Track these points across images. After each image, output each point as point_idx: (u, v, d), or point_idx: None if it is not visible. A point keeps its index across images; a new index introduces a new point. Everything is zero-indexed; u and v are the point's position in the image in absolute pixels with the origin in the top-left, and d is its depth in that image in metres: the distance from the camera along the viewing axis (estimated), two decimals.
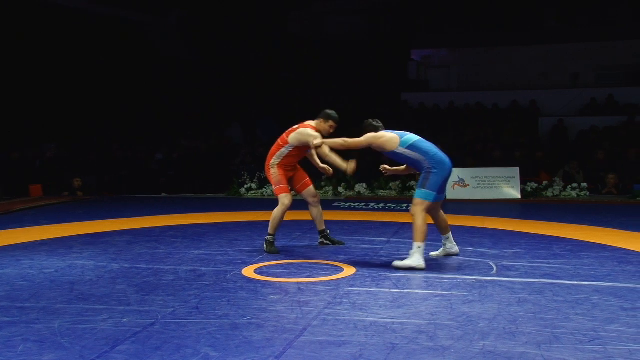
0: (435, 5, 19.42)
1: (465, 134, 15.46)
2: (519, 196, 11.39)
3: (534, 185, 11.68)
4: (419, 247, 5.55)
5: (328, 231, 6.79)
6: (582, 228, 7.96)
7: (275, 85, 17.93)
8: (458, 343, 3.67)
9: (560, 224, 8.28)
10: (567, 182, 11.82)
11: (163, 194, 12.73)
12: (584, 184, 11.61)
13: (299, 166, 6.62)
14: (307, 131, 6.27)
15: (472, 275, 5.34)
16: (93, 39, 15.96)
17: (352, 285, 5.03)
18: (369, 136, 5.79)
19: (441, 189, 5.68)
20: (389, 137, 5.69)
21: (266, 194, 12.08)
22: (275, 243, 6.46)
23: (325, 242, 6.74)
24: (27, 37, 14.30)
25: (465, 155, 13.53)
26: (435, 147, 5.74)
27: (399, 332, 3.87)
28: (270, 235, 6.42)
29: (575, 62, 18.58)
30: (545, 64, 18.67)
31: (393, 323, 4.04)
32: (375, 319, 4.12)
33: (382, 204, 10.65)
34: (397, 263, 5.59)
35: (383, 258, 6.08)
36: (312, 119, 6.46)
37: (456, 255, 6.13)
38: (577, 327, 3.92)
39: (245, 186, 12.26)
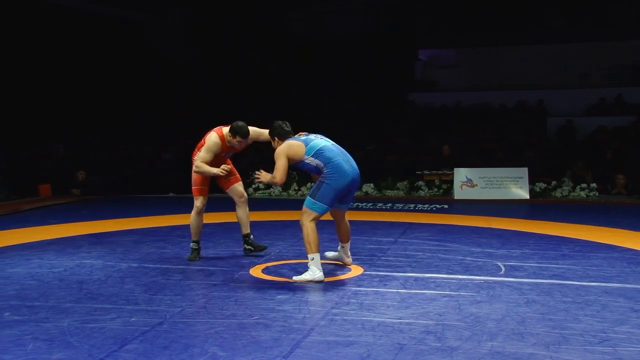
0: (441, 5, 19.36)
1: (472, 134, 15.43)
2: (527, 196, 11.36)
3: (543, 185, 11.64)
4: (312, 259, 5.13)
5: (252, 235, 6.19)
6: (591, 228, 7.93)
7: (278, 85, 17.92)
8: (466, 343, 3.66)
9: (568, 224, 8.25)
10: (576, 182, 11.78)
11: (170, 194, 12.76)
12: (593, 185, 11.57)
13: (229, 161, 6.13)
14: (210, 142, 5.85)
15: (480, 276, 5.33)
16: (97, 39, 16.02)
17: (359, 285, 5.03)
18: (281, 152, 5.21)
19: (336, 200, 5.22)
20: (297, 148, 5.23)
21: (274, 194, 12.10)
22: (281, 243, 6.39)
23: (246, 247, 6.16)
24: (32, 38, 14.37)
25: (472, 155, 13.51)
26: (343, 154, 5.31)
27: (407, 332, 3.87)
28: (192, 242, 6.11)
29: (584, 61, 18.49)
30: (553, 64, 18.58)
31: (401, 323, 4.03)
32: (383, 319, 4.12)
33: (389, 204, 10.64)
34: (296, 277, 5.19)
35: (390, 258, 6.07)
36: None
37: (347, 265, 5.71)
38: (586, 328, 3.91)
39: (253, 186, 12.28)
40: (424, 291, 4.85)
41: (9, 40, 13.83)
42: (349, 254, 5.80)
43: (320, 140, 5.34)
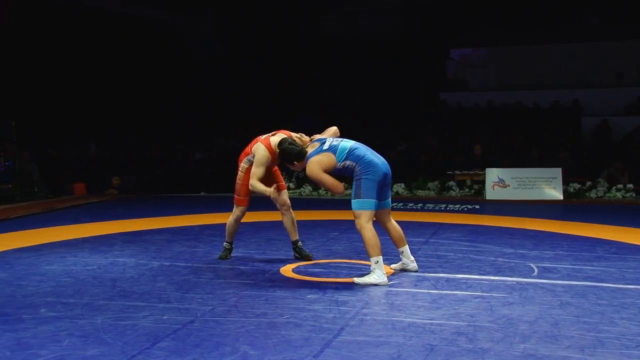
0: (473, 4, 19.18)
1: (504, 134, 15.26)
2: (561, 197, 11.18)
3: (577, 186, 11.45)
4: (376, 262, 5.02)
5: (300, 242, 6.12)
6: (628, 230, 7.77)
7: (310, 84, 17.94)
8: (498, 345, 3.62)
9: (604, 225, 8.10)
10: (611, 183, 11.56)
11: (202, 193, 12.88)
12: (630, 185, 11.34)
13: (276, 168, 6.06)
14: (259, 156, 5.69)
15: (512, 277, 5.26)
16: (131, 41, 16.23)
17: (390, 286, 5.00)
18: (316, 172, 5.11)
19: (379, 194, 5.13)
20: (328, 160, 5.13)
21: (304, 194, 12.12)
22: (311, 243, 6.41)
23: (295, 254, 6.10)
24: (68, 40, 14.62)
25: (504, 155, 13.35)
26: (368, 149, 5.27)
27: (438, 333, 3.84)
28: (226, 242, 6.16)
29: (619, 60, 18.14)
30: (588, 63, 18.26)
31: (431, 324, 4.00)
32: (414, 320, 4.09)
33: (420, 204, 10.58)
34: (357, 279, 5.08)
35: (421, 259, 6.03)
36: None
37: (414, 272, 5.45)
38: (623, 332, 3.83)
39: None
40: (456, 292, 4.81)
41: (47, 42, 14.10)
42: (412, 257, 5.49)
43: (344, 143, 5.26)
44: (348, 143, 5.26)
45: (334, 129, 5.72)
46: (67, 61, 14.75)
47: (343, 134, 5.71)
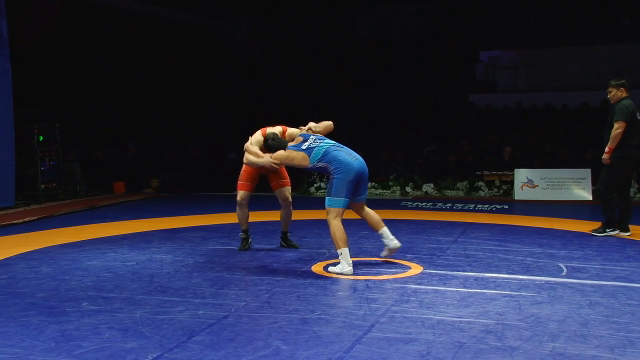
0: (502, 6, 18.96)
1: (533, 135, 15.03)
2: (590, 198, 10.97)
3: None
4: (341, 254, 5.33)
5: (289, 234, 6.57)
6: None
7: (342, 86, 17.92)
8: (527, 344, 3.57)
9: (633, 226, 7.90)
10: None
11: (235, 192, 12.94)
12: None
13: (283, 167, 6.19)
14: (254, 137, 6.00)
15: (541, 276, 5.18)
16: (169, 44, 16.41)
17: (419, 284, 4.97)
18: (281, 156, 5.63)
19: (350, 191, 5.37)
20: (301, 157, 5.52)
21: None
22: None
23: (282, 243, 6.56)
24: (109, 46, 14.84)
25: (534, 156, 13.15)
26: (344, 149, 5.53)
27: (467, 331, 3.80)
28: (241, 231, 6.44)
29: None
30: (618, 64, 17.87)
31: (460, 322, 3.97)
32: (443, 317, 4.06)
33: (449, 204, 10.49)
34: (331, 268, 5.42)
35: (450, 257, 5.98)
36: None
37: (398, 248, 5.74)
38: None
39: (315, 185, 12.34)
40: (484, 290, 4.76)
41: (90, 48, 14.34)
42: (391, 236, 5.72)
43: (321, 146, 5.49)
44: (324, 146, 5.50)
45: (327, 123, 5.98)
46: (109, 66, 14.98)
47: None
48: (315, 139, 5.59)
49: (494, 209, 9.94)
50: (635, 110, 6.98)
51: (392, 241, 5.72)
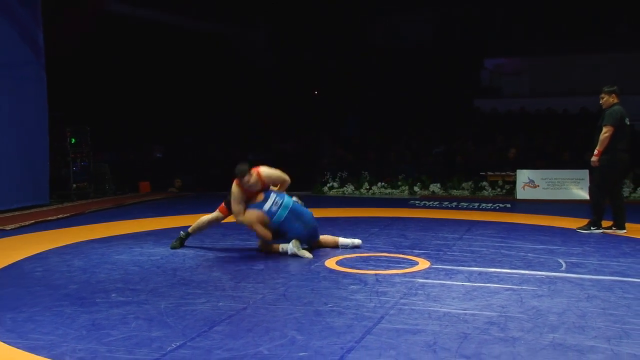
0: (507, 15, 18.86)
1: (536, 138, 14.93)
2: (587, 197, 10.85)
3: None
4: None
5: (189, 236, 6.40)
6: None
7: (356, 91, 17.91)
8: (528, 335, 3.56)
9: (629, 224, 7.82)
10: (637, 184, 11.20)
11: None
12: None
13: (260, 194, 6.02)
14: (232, 194, 6.02)
15: (541, 271, 5.16)
16: (192, 51, 16.50)
17: (426, 278, 4.97)
18: (251, 221, 5.90)
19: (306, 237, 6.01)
20: (263, 218, 5.85)
21: (347, 192, 12.11)
22: (353, 237, 6.39)
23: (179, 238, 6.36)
24: (134, 53, 14.94)
25: (536, 157, 13.06)
26: (299, 214, 5.95)
27: (471, 322, 3.80)
28: (186, 232, 6.38)
29: None
30: (617, 71, 17.68)
31: (465, 314, 3.96)
32: (449, 310, 4.06)
33: (455, 203, 10.45)
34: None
35: (456, 253, 5.97)
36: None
37: (359, 244, 6.22)
38: None
39: (328, 185, 12.35)
40: (488, 284, 4.74)
41: (117, 56, 14.45)
42: (348, 240, 6.24)
43: (280, 212, 5.84)
44: (283, 213, 5.85)
45: (283, 179, 6.13)
46: (135, 73, 15.09)
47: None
48: (275, 200, 5.89)
49: (497, 207, 9.89)
50: (625, 115, 7.00)
51: (352, 241, 6.21)
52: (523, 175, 11.28)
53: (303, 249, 5.87)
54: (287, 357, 3.27)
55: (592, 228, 7.04)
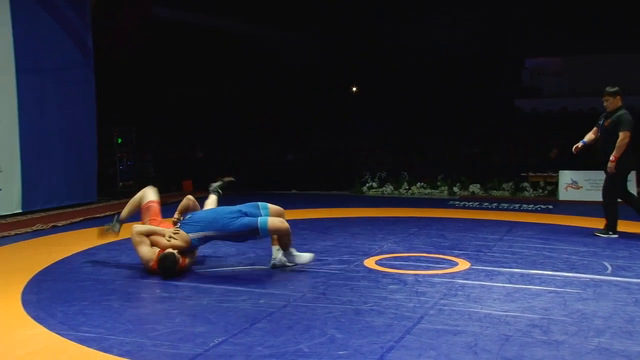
0: (547, 15, 18.46)
1: (578, 138, 14.54)
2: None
3: None
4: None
5: (119, 225, 5.97)
6: None
7: (391, 93, 17.80)
8: (572, 338, 3.46)
9: None
10: None
11: (293, 191, 13.04)
12: None
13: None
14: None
15: (585, 274, 5.01)
16: (232, 52, 16.64)
17: (466, 279, 4.89)
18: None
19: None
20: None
21: (385, 192, 12.04)
22: (392, 237, 6.33)
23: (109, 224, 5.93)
24: (179, 57, 15.16)
25: (577, 157, 12.72)
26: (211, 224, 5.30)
27: (513, 324, 3.71)
28: (120, 217, 5.95)
29: None
30: None
31: (507, 316, 3.88)
32: (489, 311, 3.98)
33: (495, 204, 10.26)
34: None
35: (496, 254, 5.85)
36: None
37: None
38: None
39: (367, 184, 12.30)
40: (529, 286, 4.63)
41: (162, 60, 14.69)
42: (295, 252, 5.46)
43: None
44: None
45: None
46: (179, 75, 15.31)
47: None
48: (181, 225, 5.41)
49: (539, 208, 9.67)
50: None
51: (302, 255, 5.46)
52: (566, 176, 11.01)
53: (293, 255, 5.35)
54: (327, 355, 3.26)
55: (609, 232, 6.84)
